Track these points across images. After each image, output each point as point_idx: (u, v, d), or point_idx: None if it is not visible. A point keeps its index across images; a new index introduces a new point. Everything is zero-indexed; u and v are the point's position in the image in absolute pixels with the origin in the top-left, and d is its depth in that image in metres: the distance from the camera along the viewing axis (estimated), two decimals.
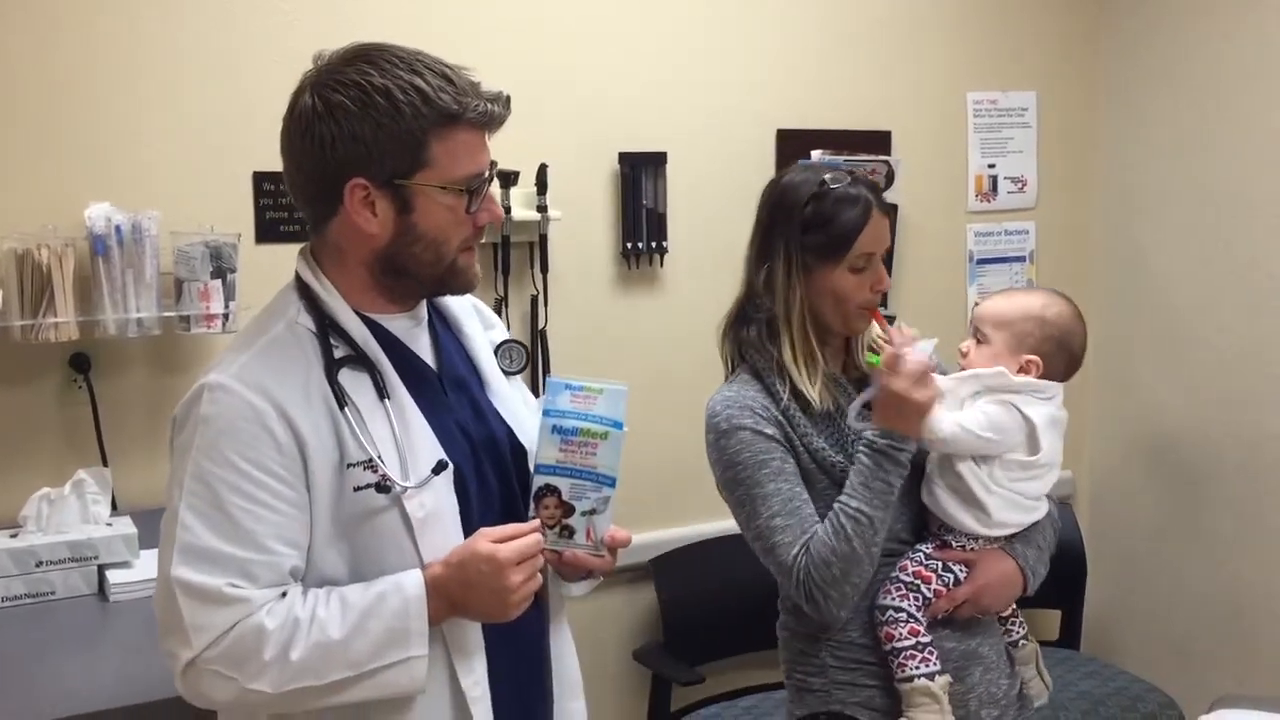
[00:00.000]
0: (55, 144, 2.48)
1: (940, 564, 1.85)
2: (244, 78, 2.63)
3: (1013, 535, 1.90)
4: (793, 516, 1.79)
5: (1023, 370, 1.88)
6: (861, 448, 1.78)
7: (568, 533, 1.52)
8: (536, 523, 1.49)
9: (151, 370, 2.59)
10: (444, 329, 1.64)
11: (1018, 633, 2.00)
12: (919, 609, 1.82)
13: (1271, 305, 3.28)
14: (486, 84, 1.48)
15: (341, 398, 1.45)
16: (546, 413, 1.53)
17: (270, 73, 2.65)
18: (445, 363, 1.59)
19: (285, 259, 2.63)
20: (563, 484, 1.51)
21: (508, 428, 1.61)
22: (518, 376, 1.70)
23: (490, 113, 1.45)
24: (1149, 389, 3.65)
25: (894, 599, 1.83)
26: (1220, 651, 3.46)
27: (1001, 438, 1.82)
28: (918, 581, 1.83)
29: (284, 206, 2.68)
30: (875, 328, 1.92)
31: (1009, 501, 1.84)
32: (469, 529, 1.48)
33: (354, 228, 1.46)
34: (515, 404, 1.64)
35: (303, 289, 1.52)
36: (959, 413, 1.83)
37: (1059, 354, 1.91)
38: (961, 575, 1.85)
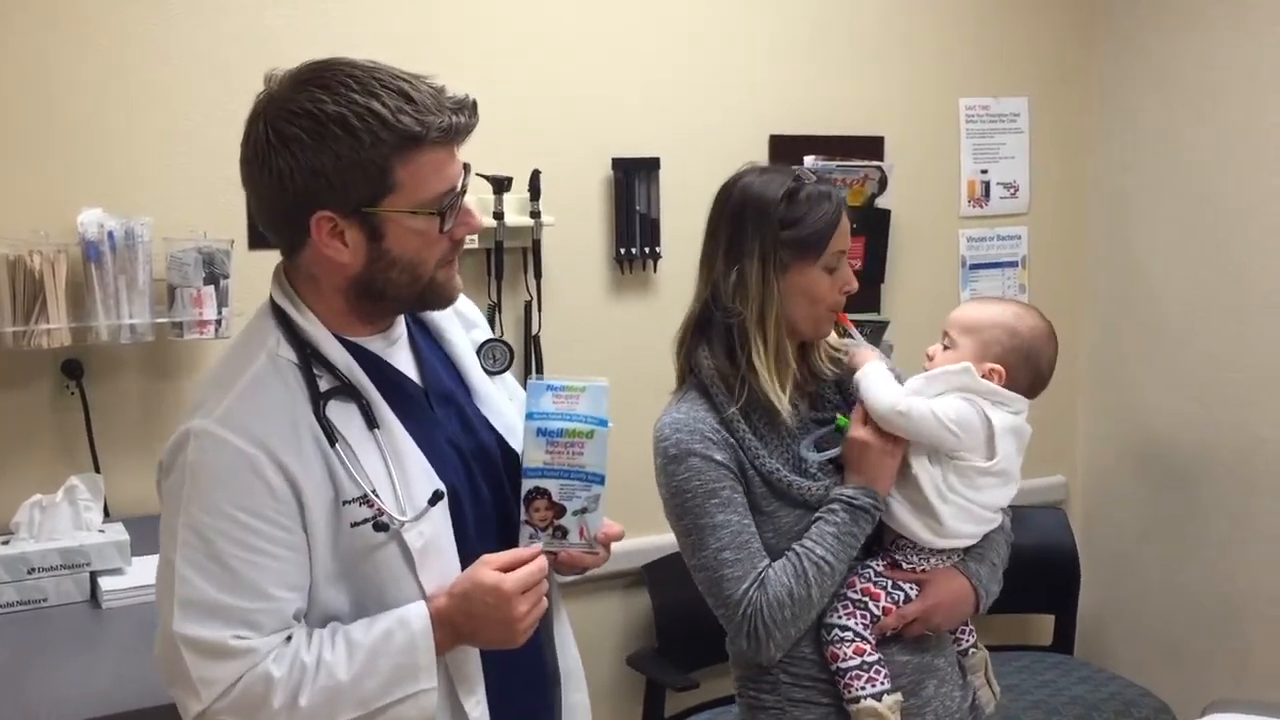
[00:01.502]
0: (47, 150, 2.48)
1: (890, 581, 1.81)
2: (236, 83, 2.62)
3: (966, 551, 1.87)
4: (742, 550, 1.75)
5: (985, 378, 1.83)
6: (839, 505, 1.76)
7: (561, 533, 1.51)
8: (539, 547, 1.48)
9: (144, 376, 2.59)
10: (425, 339, 1.60)
11: (967, 641, 1.96)
12: (866, 627, 1.78)
13: (1263, 310, 3.28)
14: (451, 88, 1.41)
15: (331, 433, 1.40)
16: (530, 416, 1.51)
17: (260, 79, 2.65)
18: (430, 377, 1.56)
19: None
20: (552, 486, 1.50)
21: (497, 435, 1.59)
22: (504, 374, 1.67)
23: (454, 126, 1.37)
24: (1141, 393, 3.65)
25: (840, 617, 1.78)
26: (1214, 655, 3.47)
27: (963, 434, 1.77)
28: (865, 599, 1.79)
29: None
30: (834, 338, 1.88)
31: (963, 511, 1.80)
32: (465, 546, 1.47)
33: (325, 258, 1.40)
34: (503, 408, 1.62)
35: (280, 315, 1.46)
36: (927, 398, 1.79)
37: (1024, 367, 1.85)
38: (912, 593, 1.81)
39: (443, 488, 1.45)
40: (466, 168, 1.44)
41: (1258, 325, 3.30)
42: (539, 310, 2.95)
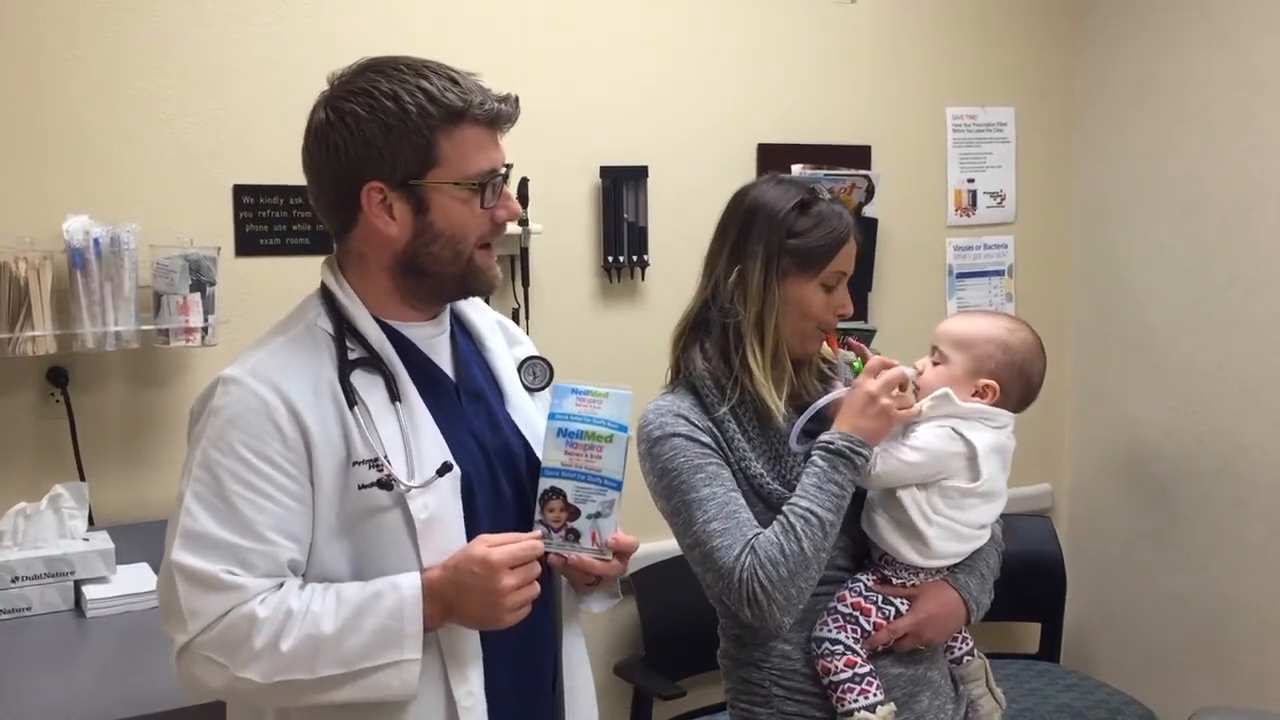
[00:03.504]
0: (33, 156, 2.47)
1: (880, 596, 1.80)
2: (223, 90, 2.62)
3: (955, 564, 1.86)
4: (730, 520, 1.72)
5: (978, 394, 1.82)
6: (817, 451, 1.73)
7: (573, 536, 1.52)
8: (536, 532, 1.50)
9: (130, 384, 2.58)
10: (467, 344, 1.65)
11: (962, 649, 1.95)
12: (857, 641, 1.77)
13: (1246, 319, 3.30)
14: (496, 89, 1.52)
15: (351, 397, 1.47)
16: (552, 416, 1.55)
17: (249, 85, 2.65)
18: (464, 373, 1.61)
19: (265, 272, 2.66)
20: (568, 487, 1.52)
21: (525, 441, 1.62)
22: (542, 393, 1.68)
23: (497, 110, 1.49)
24: (1127, 402, 3.67)
25: (831, 631, 1.78)
26: (1199, 663, 3.48)
27: (936, 463, 1.77)
28: (856, 613, 1.78)
29: (263, 219, 2.67)
30: (826, 350, 1.87)
31: (949, 532, 1.79)
32: (474, 536, 1.48)
33: (374, 232, 1.48)
34: (535, 418, 1.64)
35: (325, 295, 1.55)
36: (892, 443, 1.78)
37: (1017, 382, 1.84)
38: (903, 607, 1.81)
39: (453, 462, 1.49)
40: (509, 165, 1.53)
41: (1242, 335, 3.32)
42: (526, 318, 2.95)
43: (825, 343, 1.86)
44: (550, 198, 2.95)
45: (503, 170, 1.52)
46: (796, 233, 1.79)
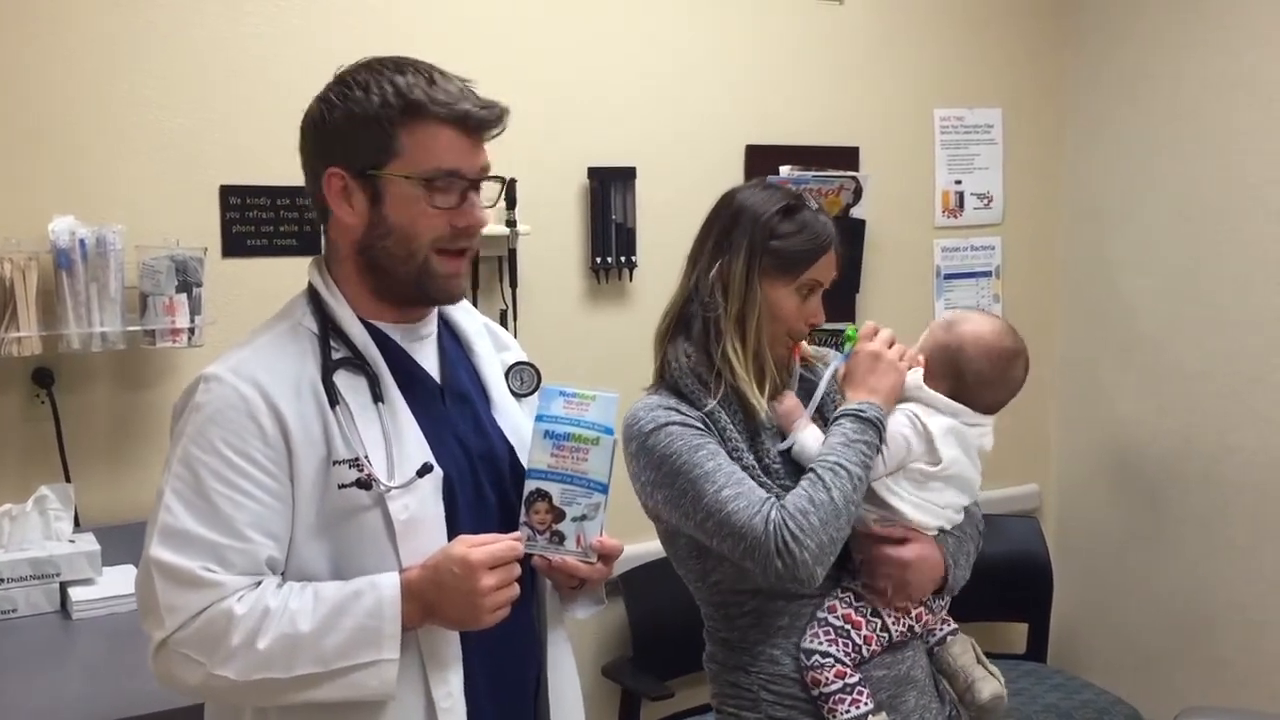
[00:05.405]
0: (19, 156, 2.46)
1: (869, 609, 1.80)
2: (211, 91, 2.62)
3: None
4: (741, 485, 1.70)
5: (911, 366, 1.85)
6: (844, 417, 1.74)
7: (558, 538, 1.52)
8: (517, 534, 1.50)
9: (115, 385, 2.57)
10: (454, 346, 1.65)
11: (943, 629, 1.94)
12: (848, 654, 1.77)
13: (1235, 320, 3.31)
14: (487, 94, 1.53)
15: (333, 396, 1.47)
16: (539, 418, 1.55)
17: (237, 86, 2.65)
18: (449, 376, 1.61)
19: (252, 273, 2.66)
20: (554, 489, 1.53)
21: (510, 446, 1.61)
22: (529, 399, 1.67)
23: (468, 113, 1.48)
24: (1114, 402, 3.68)
25: (821, 643, 1.77)
26: (1186, 663, 3.49)
27: (895, 453, 1.78)
28: (847, 626, 1.78)
29: (250, 220, 2.67)
30: (807, 347, 1.89)
31: (919, 507, 1.81)
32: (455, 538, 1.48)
33: (337, 220, 1.50)
34: (521, 423, 1.63)
35: (311, 294, 1.56)
36: None
37: (944, 366, 1.85)
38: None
39: (434, 462, 1.48)
40: (496, 177, 1.55)
41: (1230, 335, 3.33)
42: (514, 319, 2.95)
43: (792, 352, 1.86)
44: (538, 199, 2.95)
45: (469, 175, 1.50)
46: (779, 235, 1.80)
